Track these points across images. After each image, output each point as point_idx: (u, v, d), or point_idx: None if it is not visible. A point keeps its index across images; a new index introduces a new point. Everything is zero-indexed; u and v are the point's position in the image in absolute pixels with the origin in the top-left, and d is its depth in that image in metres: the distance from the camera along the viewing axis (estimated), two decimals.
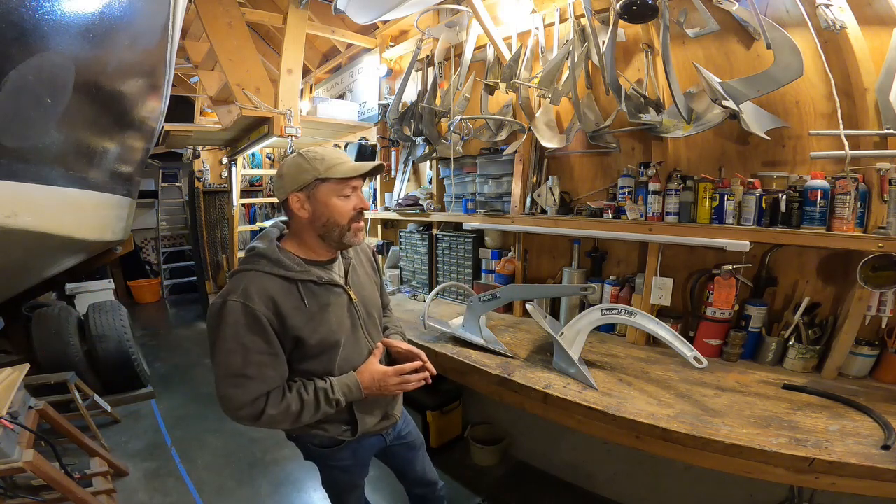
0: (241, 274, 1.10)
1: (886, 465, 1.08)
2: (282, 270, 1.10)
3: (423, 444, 1.60)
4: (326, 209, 1.12)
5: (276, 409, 1.06)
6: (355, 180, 1.15)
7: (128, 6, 1.65)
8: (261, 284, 1.07)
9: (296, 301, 1.09)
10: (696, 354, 1.47)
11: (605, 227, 2.00)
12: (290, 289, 1.10)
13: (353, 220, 1.16)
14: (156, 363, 4.19)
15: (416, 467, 1.56)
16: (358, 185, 1.16)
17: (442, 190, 2.92)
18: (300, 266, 1.13)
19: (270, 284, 1.08)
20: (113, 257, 3.48)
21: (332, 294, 1.18)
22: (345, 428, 1.25)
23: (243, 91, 2.92)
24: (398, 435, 1.45)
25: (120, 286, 6.46)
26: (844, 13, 1.43)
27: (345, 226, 1.15)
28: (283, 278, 1.09)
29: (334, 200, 1.12)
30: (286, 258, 1.12)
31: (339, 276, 1.22)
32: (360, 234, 1.19)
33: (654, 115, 1.83)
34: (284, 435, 1.34)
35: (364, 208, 1.17)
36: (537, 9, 2.24)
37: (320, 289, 1.15)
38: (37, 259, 2.22)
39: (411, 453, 1.54)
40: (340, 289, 1.20)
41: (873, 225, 1.44)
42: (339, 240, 1.17)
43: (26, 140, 1.34)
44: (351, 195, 1.15)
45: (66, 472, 1.88)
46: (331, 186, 1.11)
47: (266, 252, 1.12)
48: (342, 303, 1.20)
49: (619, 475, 2.16)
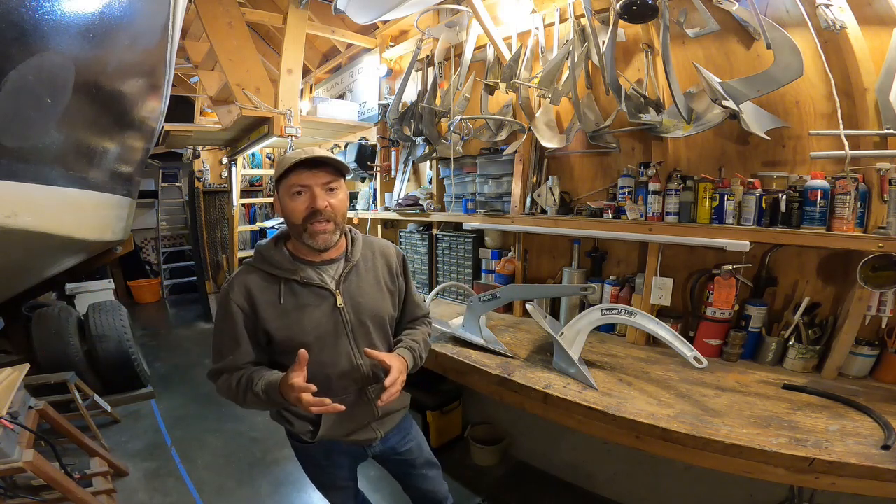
0: (241, 266, 1.22)
1: (886, 465, 1.08)
2: (267, 267, 1.17)
3: (430, 463, 1.50)
4: (284, 210, 1.13)
5: (224, 384, 1.15)
6: (301, 178, 1.08)
7: (128, 6, 1.65)
8: (245, 277, 1.17)
9: (272, 297, 1.15)
10: (696, 354, 1.47)
11: (605, 227, 2.00)
12: (270, 285, 1.16)
13: (308, 221, 1.10)
14: (156, 363, 4.19)
15: (419, 485, 1.49)
16: (309, 184, 1.09)
17: (442, 190, 2.92)
18: (290, 264, 1.17)
19: (253, 279, 1.16)
20: (113, 257, 3.48)
21: (316, 296, 1.16)
22: (309, 428, 1.23)
23: (243, 91, 2.92)
24: (390, 449, 1.39)
25: (120, 286, 6.46)
26: (844, 13, 1.43)
27: (300, 226, 1.11)
28: (267, 274, 1.17)
29: (286, 200, 1.11)
30: (278, 256, 1.18)
31: (330, 279, 1.19)
32: (321, 238, 1.12)
33: (654, 115, 1.83)
34: (285, 435, 1.34)
35: (315, 208, 1.09)
36: (537, 9, 2.23)
37: (303, 289, 1.16)
38: (37, 259, 2.22)
39: (411, 470, 1.46)
40: (327, 291, 1.17)
41: (873, 225, 1.44)
42: (301, 240, 1.14)
43: (26, 140, 1.34)
44: (302, 193, 1.09)
45: (66, 472, 1.87)
46: (283, 187, 1.11)
47: (262, 249, 1.21)
48: (326, 306, 1.17)
49: (619, 475, 2.16)
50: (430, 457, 1.50)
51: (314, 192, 1.09)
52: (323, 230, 1.12)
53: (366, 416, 1.26)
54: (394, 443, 1.39)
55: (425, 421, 2.54)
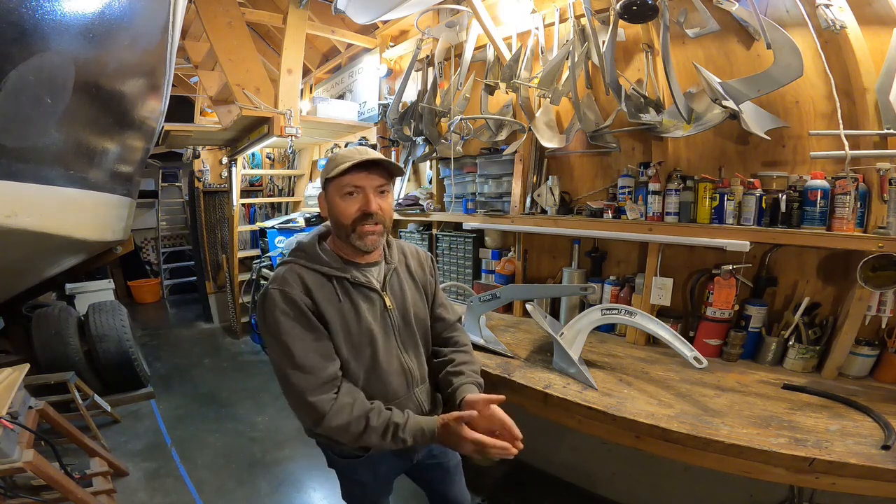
0: (281, 266, 1.15)
1: (886, 465, 1.08)
2: (317, 265, 1.12)
3: (459, 467, 1.46)
4: (333, 209, 1.12)
5: (344, 412, 1.03)
6: (355, 179, 1.08)
7: (128, 6, 1.65)
8: (297, 273, 1.10)
9: (330, 294, 1.10)
10: (696, 354, 1.47)
11: (605, 227, 2.00)
12: (324, 283, 1.11)
13: (358, 223, 1.09)
14: (156, 363, 4.18)
15: (447, 490, 1.45)
16: (362, 186, 1.08)
17: (442, 190, 2.92)
18: (337, 263, 1.13)
19: (306, 274, 1.10)
20: (113, 257, 3.47)
21: (366, 297, 1.15)
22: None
23: (243, 91, 2.93)
24: (429, 454, 1.35)
25: (120, 286, 6.46)
26: (844, 13, 1.43)
27: (348, 227, 1.10)
28: (318, 272, 1.11)
29: (337, 200, 1.10)
30: (324, 254, 1.14)
31: (376, 281, 1.18)
32: (369, 239, 1.10)
33: (654, 115, 1.83)
34: (285, 435, 1.33)
35: (366, 211, 1.08)
36: (537, 9, 2.24)
37: (354, 289, 1.14)
38: (37, 259, 2.22)
39: (443, 475, 1.42)
40: (375, 293, 1.16)
41: (873, 225, 1.44)
42: (348, 241, 1.12)
43: (26, 140, 1.34)
44: (354, 195, 1.08)
45: (66, 472, 1.87)
46: (334, 186, 1.10)
47: (305, 246, 1.16)
48: (376, 307, 1.16)
49: (619, 475, 2.16)
50: (459, 459, 1.46)
51: (367, 194, 1.08)
52: (372, 231, 1.10)
53: None
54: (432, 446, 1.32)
55: None
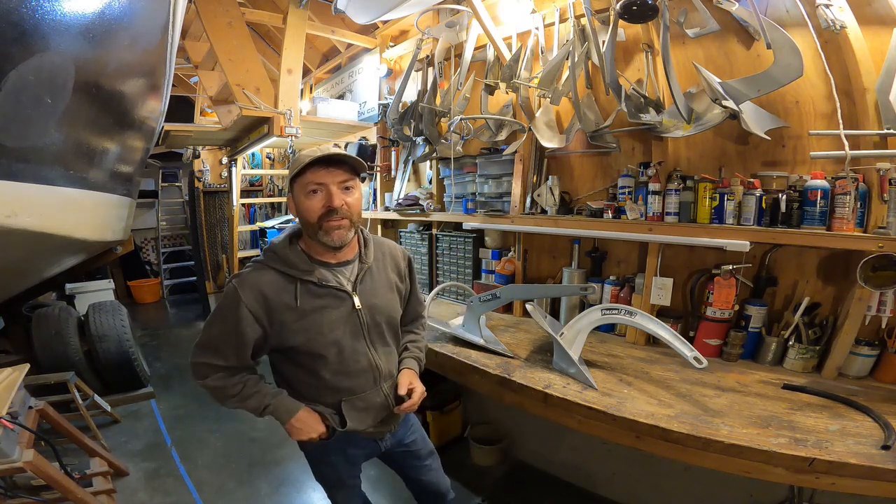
0: (250, 265, 1.19)
1: (886, 465, 1.08)
2: (282, 266, 1.15)
3: (433, 455, 1.55)
4: (299, 208, 1.14)
5: (214, 383, 1.16)
6: (317, 176, 1.09)
7: (128, 6, 1.65)
8: (258, 277, 1.14)
9: (289, 298, 1.13)
10: (696, 354, 1.47)
11: (605, 227, 1.99)
12: (285, 285, 1.14)
13: (324, 219, 1.10)
14: (156, 363, 4.19)
15: (422, 477, 1.52)
16: (325, 182, 1.09)
17: (442, 190, 2.92)
18: (306, 265, 1.16)
19: (267, 279, 1.13)
20: (113, 257, 3.47)
21: (333, 297, 1.17)
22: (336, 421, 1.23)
23: (243, 91, 2.92)
24: (398, 442, 1.43)
25: (120, 286, 6.45)
26: (844, 13, 1.43)
27: (315, 224, 1.12)
28: (283, 274, 1.14)
29: (301, 199, 1.12)
30: (293, 255, 1.16)
31: (346, 281, 1.20)
32: (336, 234, 1.12)
33: (654, 115, 1.82)
34: (285, 436, 1.34)
35: (330, 207, 1.09)
36: (537, 9, 2.23)
37: (320, 290, 1.15)
38: (37, 259, 2.22)
39: (416, 462, 1.50)
40: (344, 293, 1.18)
41: (873, 225, 1.44)
42: (316, 238, 1.14)
43: (26, 140, 1.34)
44: (318, 192, 1.10)
45: (66, 472, 1.87)
46: (299, 185, 1.12)
47: (276, 247, 1.19)
48: (343, 308, 1.18)
49: (619, 475, 2.16)
50: (432, 448, 1.56)
51: (330, 190, 1.10)
52: (338, 226, 1.12)
53: (382, 410, 1.30)
54: (401, 435, 1.43)
55: (425, 421, 2.54)
